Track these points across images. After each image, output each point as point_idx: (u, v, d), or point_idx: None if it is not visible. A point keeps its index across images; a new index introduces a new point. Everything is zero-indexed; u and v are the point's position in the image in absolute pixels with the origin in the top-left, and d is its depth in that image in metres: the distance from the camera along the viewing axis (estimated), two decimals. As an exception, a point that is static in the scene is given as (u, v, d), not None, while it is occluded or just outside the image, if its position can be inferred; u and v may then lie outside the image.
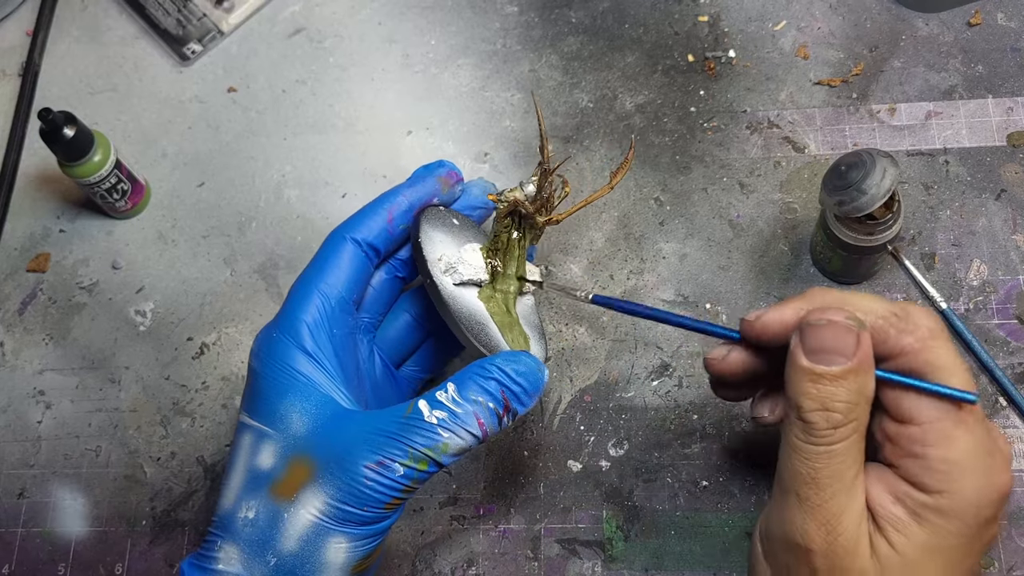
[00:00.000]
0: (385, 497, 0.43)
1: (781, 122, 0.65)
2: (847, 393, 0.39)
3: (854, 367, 0.39)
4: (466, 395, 0.44)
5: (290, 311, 0.47)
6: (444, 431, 0.43)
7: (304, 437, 0.44)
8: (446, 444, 0.43)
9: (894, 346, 0.40)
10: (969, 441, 0.39)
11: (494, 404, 0.44)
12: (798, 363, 0.40)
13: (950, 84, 0.65)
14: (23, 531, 0.61)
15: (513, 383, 0.44)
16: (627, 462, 0.58)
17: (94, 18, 0.76)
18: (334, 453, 0.43)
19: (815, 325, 0.40)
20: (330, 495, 0.42)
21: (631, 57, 0.69)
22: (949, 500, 0.39)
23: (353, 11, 0.73)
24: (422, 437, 0.42)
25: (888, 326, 0.41)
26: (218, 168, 0.70)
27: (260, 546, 0.43)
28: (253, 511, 0.43)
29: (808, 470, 0.39)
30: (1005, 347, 0.58)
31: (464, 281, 0.49)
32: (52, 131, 0.61)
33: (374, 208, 0.51)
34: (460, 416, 0.43)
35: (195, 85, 0.72)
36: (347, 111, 0.70)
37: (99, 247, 0.68)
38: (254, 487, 0.44)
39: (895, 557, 0.39)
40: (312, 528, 0.42)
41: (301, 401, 0.45)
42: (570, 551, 0.56)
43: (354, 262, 0.49)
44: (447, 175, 0.52)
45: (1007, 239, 0.60)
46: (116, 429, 0.63)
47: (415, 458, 0.42)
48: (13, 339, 0.66)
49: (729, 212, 0.63)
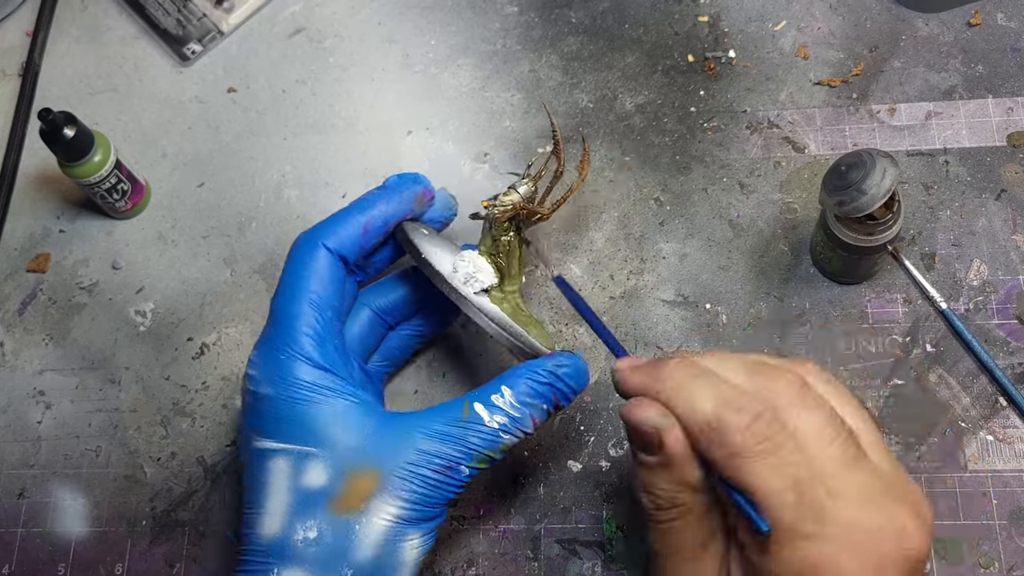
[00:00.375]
0: (451, 495, 0.46)
1: (781, 122, 0.65)
2: (664, 482, 0.40)
3: (662, 462, 0.40)
4: (522, 399, 0.46)
5: (288, 327, 0.46)
6: (505, 434, 0.46)
7: (357, 449, 0.45)
8: (505, 444, 0.46)
9: (708, 453, 0.39)
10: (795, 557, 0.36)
11: (547, 405, 0.47)
12: (630, 446, 0.42)
13: (950, 84, 0.65)
14: (23, 531, 0.61)
15: (564, 385, 0.47)
16: (627, 462, 0.58)
17: (94, 18, 0.76)
18: (399, 460, 0.44)
19: (631, 417, 0.41)
20: (403, 499, 0.44)
21: (631, 57, 0.69)
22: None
23: (353, 11, 0.73)
24: (483, 440, 0.45)
25: (700, 435, 0.39)
26: (218, 168, 0.70)
27: (331, 562, 0.43)
28: (314, 531, 0.43)
29: (653, 541, 0.42)
30: (1005, 347, 0.58)
31: (484, 289, 0.51)
32: (52, 131, 0.61)
33: (348, 216, 0.50)
34: (519, 420, 0.46)
35: (195, 85, 0.72)
36: (347, 111, 0.70)
37: (99, 247, 0.68)
38: (307, 507, 0.44)
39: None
40: (387, 533, 0.44)
41: (337, 414, 0.45)
42: (570, 551, 0.56)
43: (332, 270, 0.49)
44: (423, 193, 0.53)
45: (1007, 239, 0.60)
46: (116, 429, 0.63)
47: (477, 459, 0.45)
48: (13, 339, 0.66)
49: (729, 212, 0.63)
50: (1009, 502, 0.54)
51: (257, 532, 0.44)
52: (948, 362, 0.58)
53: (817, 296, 0.60)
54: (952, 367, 0.58)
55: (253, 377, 0.47)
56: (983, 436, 0.56)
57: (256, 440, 0.46)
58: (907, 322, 0.59)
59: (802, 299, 0.61)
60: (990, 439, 0.56)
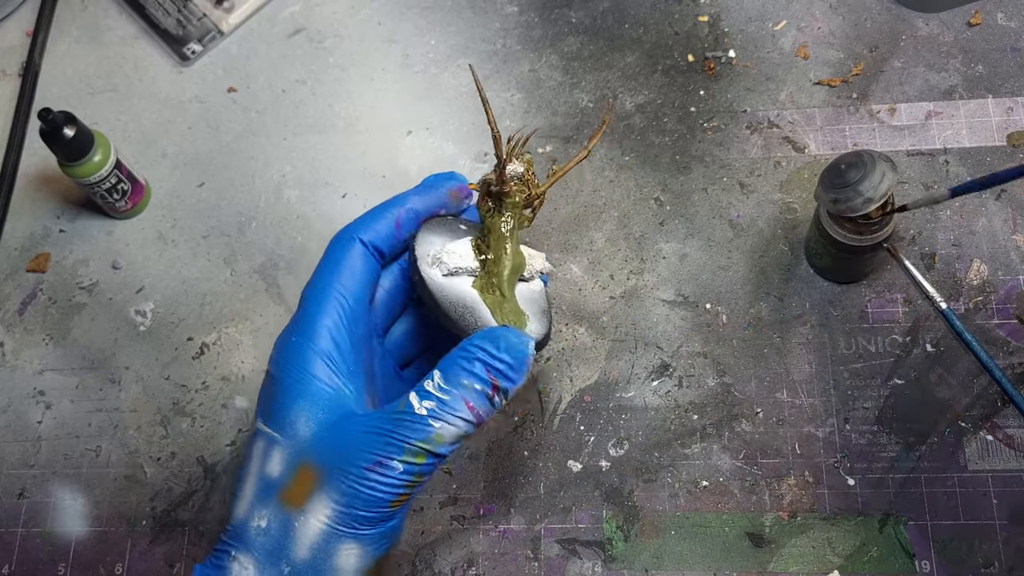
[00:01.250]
0: (389, 496, 0.42)
1: (781, 122, 0.65)
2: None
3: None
4: (452, 380, 0.42)
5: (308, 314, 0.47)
6: (435, 421, 0.42)
7: (309, 442, 0.44)
8: (439, 435, 0.42)
9: None
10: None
11: (481, 385, 0.43)
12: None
13: (950, 84, 0.65)
14: (23, 531, 0.61)
15: (497, 360, 0.43)
16: (627, 462, 0.58)
17: (94, 18, 0.76)
18: (336, 457, 0.43)
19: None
20: (336, 501, 0.42)
21: (631, 57, 0.69)
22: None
23: (353, 11, 0.73)
24: (414, 431, 0.42)
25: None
26: (218, 168, 0.70)
27: (274, 556, 0.43)
28: (265, 520, 0.43)
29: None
30: (1005, 347, 0.58)
31: (452, 271, 0.49)
32: (52, 131, 0.61)
33: (383, 211, 0.50)
34: (448, 403, 0.42)
35: (195, 85, 0.72)
36: (347, 111, 0.70)
37: (99, 247, 0.68)
38: (265, 496, 0.44)
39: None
40: (323, 536, 0.42)
41: (311, 406, 0.44)
42: (570, 551, 0.56)
43: (365, 263, 0.49)
44: (458, 189, 0.52)
45: (1007, 239, 0.60)
46: (116, 429, 0.63)
47: (412, 453, 0.42)
48: (13, 339, 0.66)
49: (729, 212, 0.63)
50: (1009, 502, 0.54)
51: (233, 512, 0.45)
52: (948, 362, 0.58)
53: (817, 296, 0.60)
54: (952, 367, 0.58)
55: (271, 357, 0.47)
56: (983, 436, 0.56)
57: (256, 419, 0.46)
58: (907, 322, 0.59)
59: (802, 299, 0.61)
60: (990, 439, 0.56)
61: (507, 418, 0.60)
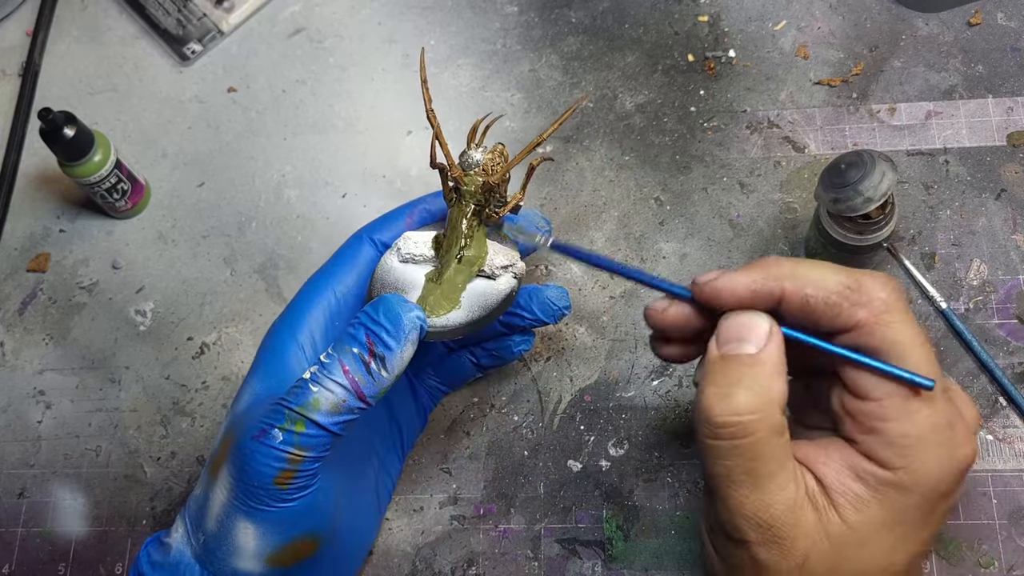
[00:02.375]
0: (270, 468, 0.41)
1: (781, 122, 0.65)
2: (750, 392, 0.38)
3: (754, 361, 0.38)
4: (337, 347, 0.42)
5: (297, 303, 0.48)
6: (314, 385, 0.41)
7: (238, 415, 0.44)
8: (316, 399, 0.41)
9: (847, 320, 0.39)
10: (929, 415, 0.38)
11: (359, 349, 0.42)
12: (711, 352, 0.39)
13: (950, 84, 0.65)
14: (23, 531, 0.61)
15: (374, 324, 0.42)
16: (627, 462, 0.58)
17: (94, 18, 0.76)
18: (240, 429, 0.42)
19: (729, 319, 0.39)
20: (231, 472, 0.42)
21: (631, 57, 0.69)
22: (910, 476, 0.37)
23: (353, 11, 0.73)
24: (295, 396, 0.41)
25: (840, 300, 0.38)
26: (218, 168, 0.70)
27: (196, 523, 0.44)
28: (200, 488, 0.44)
29: (721, 469, 0.38)
30: (1005, 347, 0.58)
31: (407, 258, 0.48)
32: (52, 131, 0.61)
33: (398, 213, 0.51)
34: (327, 366, 0.42)
35: (195, 85, 0.72)
36: (347, 111, 0.70)
37: (99, 247, 0.68)
38: (208, 466, 0.45)
39: (847, 533, 0.38)
40: (224, 508, 0.42)
41: (258, 382, 0.45)
42: (570, 551, 0.56)
43: (369, 261, 0.49)
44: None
45: (1007, 239, 0.60)
46: (116, 429, 0.63)
47: (291, 419, 0.41)
48: (13, 339, 0.66)
49: (729, 212, 0.63)
50: (1009, 502, 0.54)
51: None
52: (948, 362, 0.58)
53: (817, 296, 0.60)
54: (952, 367, 0.58)
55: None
56: (983, 436, 0.56)
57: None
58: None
59: (802, 299, 0.61)
60: (990, 439, 0.56)
61: (507, 418, 0.60)
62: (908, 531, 0.38)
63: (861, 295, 0.38)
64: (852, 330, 0.39)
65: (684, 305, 0.42)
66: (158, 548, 0.45)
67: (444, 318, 0.46)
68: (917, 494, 0.37)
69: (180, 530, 0.44)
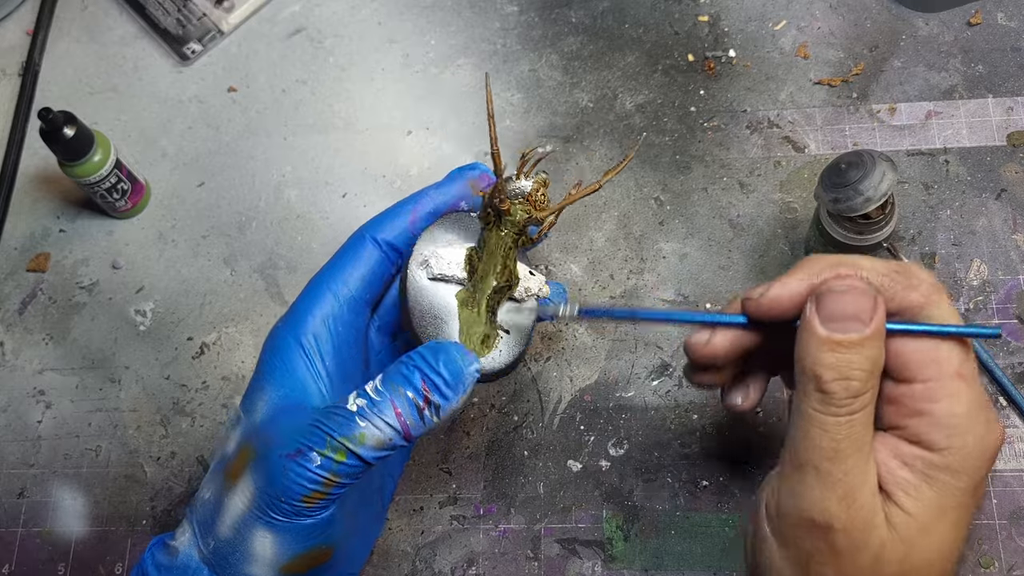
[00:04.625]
0: (303, 488, 0.41)
1: (781, 122, 0.65)
2: (865, 360, 0.38)
3: (871, 334, 0.38)
4: (388, 384, 0.42)
5: (299, 306, 0.47)
6: (362, 420, 0.41)
7: (257, 424, 0.44)
8: (363, 435, 0.41)
9: (900, 303, 0.40)
10: (971, 394, 0.39)
11: (413, 394, 0.42)
12: (815, 332, 0.39)
13: (950, 84, 0.65)
14: (23, 531, 0.61)
15: (434, 372, 0.42)
16: (627, 462, 0.58)
17: (94, 18, 0.76)
18: (267, 441, 0.42)
19: (835, 292, 0.39)
20: (256, 483, 0.42)
21: (631, 57, 0.69)
22: (957, 456, 0.38)
23: (353, 11, 0.73)
24: (339, 425, 0.41)
25: (893, 283, 0.40)
26: (218, 168, 0.70)
27: (206, 528, 0.43)
28: (209, 492, 0.44)
29: (828, 442, 0.38)
30: (1005, 347, 0.58)
31: (438, 276, 0.47)
32: (52, 131, 0.61)
33: (399, 208, 0.50)
34: (378, 405, 0.41)
35: (195, 85, 0.72)
36: (347, 111, 0.70)
37: (99, 247, 0.68)
38: (217, 469, 0.44)
39: (910, 522, 0.38)
40: (242, 516, 0.42)
41: (273, 391, 0.45)
42: (570, 551, 0.56)
43: (371, 261, 0.48)
44: (479, 177, 0.51)
45: (1007, 239, 0.60)
46: (116, 429, 0.63)
47: (332, 447, 0.41)
48: (13, 339, 0.66)
49: (729, 212, 0.63)
50: (1009, 502, 0.54)
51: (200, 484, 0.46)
52: (948, 362, 0.58)
53: (817, 296, 0.60)
54: (952, 367, 0.58)
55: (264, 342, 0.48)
56: (983, 436, 0.56)
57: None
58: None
59: (802, 299, 0.61)
60: (990, 439, 0.56)
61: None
62: (961, 515, 0.39)
63: (911, 279, 0.40)
64: (903, 313, 0.40)
65: (728, 332, 0.43)
66: (163, 551, 0.45)
67: (491, 359, 0.47)
68: (965, 475, 0.38)
69: (187, 533, 0.44)
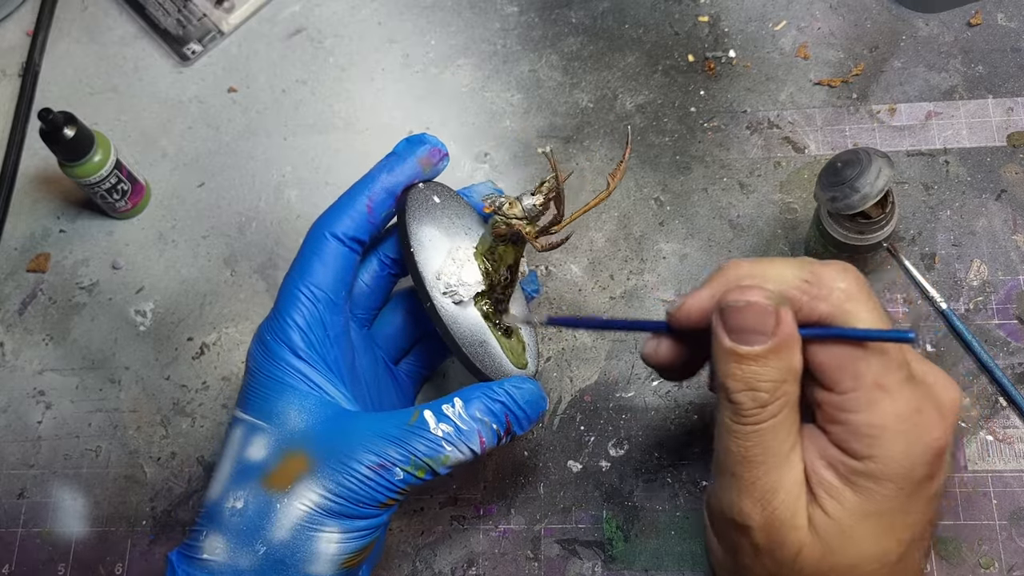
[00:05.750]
0: (381, 497, 0.44)
1: (781, 122, 0.65)
2: (771, 371, 0.38)
3: (775, 345, 0.38)
4: (472, 413, 0.45)
5: (279, 312, 0.47)
6: (448, 444, 0.44)
7: (301, 432, 0.45)
8: (447, 456, 0.45)
9: (809, 314, 0.39)
10: (893, 404, 0.38)
11: (497, 425, 0.46)
12: (722, 344, 0.39)
13: (950, 84, 0.65)
14: (23, 531, 0.61)
15: (518, 408, 0.46)
16: (627, 462, 0.58)
17: (94, 18, 0.76)
18: (334, 450, 0.44)
19: (733, 307, 0.39)
20: (328, 489, 0.43)
21: (631, 57, 0.69)
22: (878, 464, 0.38)
23: (353, 11, 0.73)
24: (425, 447, 0.44)
25: (800, 295, 0.39)
26: (218, 168, 0.70)
27: (249, 535, 0.44)
28: (242, 501, 0.44)
29: (739, 449, 0.39)
30: (1005, 347, 0.58)
31: (460, 301, 0.50)
32: (52, 131, 0.61)
33: (351, 198, 0.49)
34: (465, 432, 0.45)
35: (195, 85, 0.72)
36: (347, 111, 0.70)
37: (99, 247, 0.68)
38: (243, 478, 0.45)
39: (831, 524, 0.38)
40: (305, 519, 0.43)
41: (300, 399, 0.46)
42: (570, 551, 0.56)
43: (338, 259, 0.48)
44: (428, 154, 0.50)
45: (1007, 239, 0.60)
46: (116, 429, 0.63)
47: (416, 465, 0.44)
48: (13, 339, 0.66)
49: (729, 212, 0.63)
50: (1009, 502, 0.54)
51: (207, 495, 0.46)
52: (948, 362, 0.58)
53: (817, 296, 0.60)
54: (952, 367, 0.58)
55: (248, 350, 0.49)
56: (983, 436, 0.56)
57: (235, 409, 0.48)
58: (907, 322, 0.59)
59: (802, 299, 0.61)
60: (990, 439, 0.56)
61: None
62: (892, 520, 0.39)
63: (820, 288, 0.39)
64: (815, 325, 0.39)
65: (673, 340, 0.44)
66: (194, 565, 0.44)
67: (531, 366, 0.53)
68: (889, 483, 0.38)
69: (219, 544, 0.44)
